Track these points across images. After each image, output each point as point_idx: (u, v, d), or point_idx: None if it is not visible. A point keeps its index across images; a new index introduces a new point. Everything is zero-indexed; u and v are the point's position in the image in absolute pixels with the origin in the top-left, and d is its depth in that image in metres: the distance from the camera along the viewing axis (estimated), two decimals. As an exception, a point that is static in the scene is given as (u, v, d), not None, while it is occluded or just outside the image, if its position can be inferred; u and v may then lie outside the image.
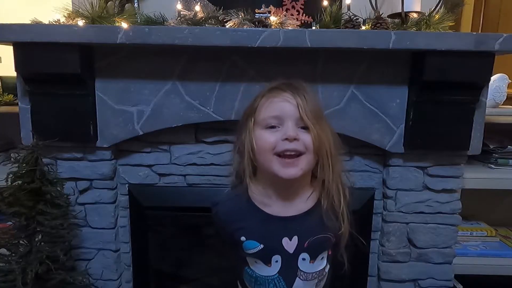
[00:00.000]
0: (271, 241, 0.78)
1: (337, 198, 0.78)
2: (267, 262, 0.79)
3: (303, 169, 0.75)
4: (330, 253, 0.84)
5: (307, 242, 0.78)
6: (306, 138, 0.74)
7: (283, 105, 0.74)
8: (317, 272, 0.81)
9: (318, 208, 0.79)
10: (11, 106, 1.37)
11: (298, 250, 0.78)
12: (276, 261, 0.78)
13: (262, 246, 0.77)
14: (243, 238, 0.78)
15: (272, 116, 0.74)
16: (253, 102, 0.80)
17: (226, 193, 0.92)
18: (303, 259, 0.79)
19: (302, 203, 0.81)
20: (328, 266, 0.85)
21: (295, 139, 0.73)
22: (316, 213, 0.79)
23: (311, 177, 0.83)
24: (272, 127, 0.75)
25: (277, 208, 0.80)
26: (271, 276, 0.79)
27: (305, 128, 0.75)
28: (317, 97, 0.80)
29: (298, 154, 0.74)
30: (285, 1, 1.27)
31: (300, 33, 1.00)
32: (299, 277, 0.79)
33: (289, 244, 0.78)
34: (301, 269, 0.79)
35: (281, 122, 0.74)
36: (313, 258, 0.80)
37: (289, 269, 0.79)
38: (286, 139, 0.73)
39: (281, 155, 0.74)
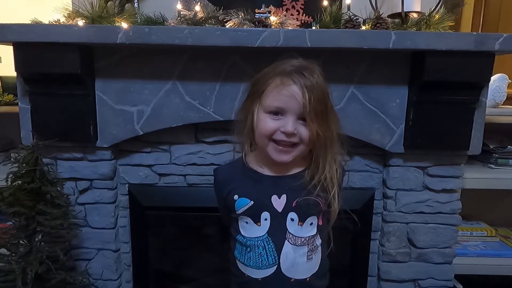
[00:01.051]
0: (261, 197, 0.81)
1: (330, 181, 0.81)
2: (257, 220, 0.82)
3: (295, 156, 0.80)
4: (320, 223, 0.85)
5: (295, 201, 0.81)
6: (303, 132, 0.77)
7: (288, 100, 0.76)
8: (306, 239, 0.82)
9: (307, 177, 0.82)
10: (11, 106, 1.37)
11: (287, 209, 0.81)
12: (265, 219, 0.81)
13: (252, 202, 0.81)
14: (235, 197, 0.83)
15: (276, 106, 0.77)
16: (263, 80, 0.80)
17: (226, 163, 0.99)
18: (292, 219, 0.81)
19: (292, 169, 0.85)
20: (320, 239, 0.86)
21: (292, 133, 0.76)
22: (306, 178, 0.82)
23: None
24: (275, 113, 0.78)
25: (268, 170, 0.85)
26: (260, 237, 0.81)
27: (306, 120, 0.77)
28: (326, 86, 0.80)
29: (293, 144, 0.78)
30: (285, 1, 1.27)
31: (300, 33, 1.00)
32: (288, 240, 0.81)
33: (278, 202, 0.81)
34: (289, 230, 0.81)
35: (284, 113, 0.77)
36: (301, 220, 0.82)
37: (278, 230, 0.81)
38: (284, 132, 0.76)
39: (276, 141, 0.78)
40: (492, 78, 1.37)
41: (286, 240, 0.81)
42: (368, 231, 1.27)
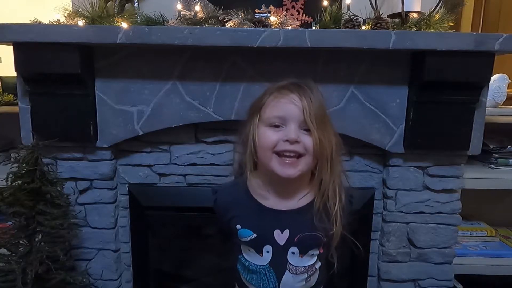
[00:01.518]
0: (264, 231, 0.81)
1: (332, 200, 0.80)
2: (259, 251, 0.82)
3: (301, 170, 0.77)
4: (321, 251, 0.86)
5: (297, 237, 0.81)
6: (307, 140, 0.76)
7: (288, 107, 0.75)
8: (306, 267, 0.84)
9: (311, 207, 0.81)
10: (11, 106, 1.37)
11: (288, 243, 0.81)
12: (268, 251, 0.82)
13: (255, 235, 0.81)
14: (238, 226, 0.82)
15: (277, 116, 0.76)
16: (261, 98, 0.81)
17: (226, 183, 0.96)
18: (293, 252, 0.82)
19: (297, 200, 0.83)
20: (319, 263, 0.87)
21: (296, 141, 0.75)
22: (309, 211, 0.81)
23: (310, 175, 0.85)
24: (276, 126, 0.77)
25: (272, 201, 0.83)
26: (262, 266, 0.83)
27: (308, 130, 0.76)
28: (323, 100, 0.79)
29: (297, 156, 0.76)
30: (285, 1, 1.27)
31: (300, 33, 1.00)
32: (288, 270, 0.82)
33: (280, 236, 0.81)
34: (290, 262, 0.82)
35: (285, 122, 0.76)
36: (302, 253, 0.83)
37: (279, 261, 0.82)
38: (287, 140, 0.75)
39: (280, 154, 0.76)
40: (492, 78, 1.37)
41: (286, 271, 0.83)
42: (368, 231, 1.27)
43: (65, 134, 1.10)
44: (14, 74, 1.08)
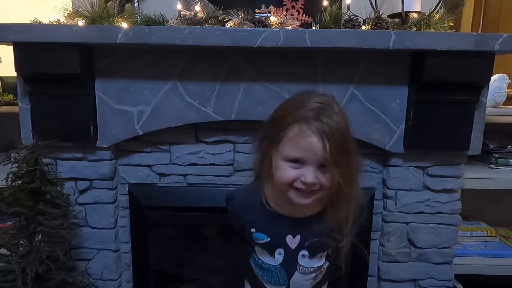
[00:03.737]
0: (277, 236, 0.85)
1: (345, 217, 0.81)
2: (272, 253, 0.87)
3: (315, 200, 0.79)
4: (329, 253, 0.91)
5: (307, 242, 0.85)
6: (323, 179, 0.75)
7: (308, 152, 0.74)
8: (315, 268, 0.88)
9: (323, 218, 0.83)
10: (11, 106, 1.37)
11: (299, 247, 0.86)
12: (279, 254, 0.86)
13: (269, 239, 0.85)
14: (253, 230, 0.86)
15: (296, 157, 0.75)
16: (280, 126, 0.77)
17: (242, 188, 0.98)
18: (303, 255, 0.86)
19: (309, 209, 0.85)
20: (327, 263, 0.92)
21: (312, 184, 0.75)
22: (320, 220, 0.83)
23: None
24: (294, 161, 0.76)
25: (286, 209, 0.85)
26: (274, 265, 0.87)
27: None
28: (347, 129, 0.78)
29: (313, 190, 0.77)
30: (285, 1, 1.27)
31: (300, 33, 1.00)
32: (298, 271, 0.87)
33: (292, 241, 0.85)
34: (300, 263, 0.87)
35: (303, 162, 0.75)
36: (311, 255, 0.87)
37: (290, 262, 0.87)
38: (304, 182, 0.75)
39: (296, 188, 0.77)
40: (492, 78, 1.37)
41: (296, 271, 0.87)
42: (368, 231, 1.27)
43: (65, 134, 1.10)
44: (14, 74, 1.08)
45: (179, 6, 1.16)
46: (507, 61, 1.43)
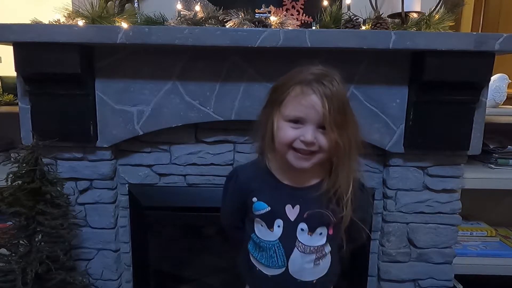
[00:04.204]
0: (277, 205, 0.85)
1: (344, 188, 0.82)
2: (270, 226, 0.86)
3: (314, 163, 0.81)
4: (331, 233, 0.88)
5: (306, 213, 0.84)
6: (322, 140, 0.78)
7: (308, 110, 0.77)
8: (315, 247, 0.86)
9: (322, 187, 0.85)
10: (11, 106, 1.37)
11: (298, 219, 0.85)
12: (278, 226, 0.85)
13: (269, 208, 0.85)
14: (254, 199, 0.86)
15: (296, 116, 0.78)
16: (283, 90, 0.81)
17: (246, 163, 1.00)
18: (302, 229, 0.85)
19: (310, 179, 0.87)
20: (329, 247, 0.89)
21: (311, 143, 0.77)
22: (320, 191, 0.84)
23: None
24: (295, 121, 0.79)
25: (287, 179, 0.87)
26: (272, 241, 0.86)
27: (325, 128, 0.78)
28: (346, 96, 0.81)
29: (312, 152, 0.80)
30: (285, 1, 1.27)
31: (300, 33, 1.00)
32: (297, 248, 0.85)
33: (291, 211, 0.85)
34: (299, 239, 0.85)
35: (304, 122, 0.78)
36: (311, 230, 0.85)
37: (289, 237, 0.85)
38: (303, 141, 0.78)
39: (296, 149, 0.80)
40: (492, 78, 1.37)
41: (295, 248, 0.85)
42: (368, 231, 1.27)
43: (65, 134, 1.10)
44: (14, 74, 1.08)
45: (179, 6, 1.16)
46: (507, 61, 1.43)
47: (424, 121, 1.11)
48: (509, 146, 1.38)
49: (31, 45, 1.01)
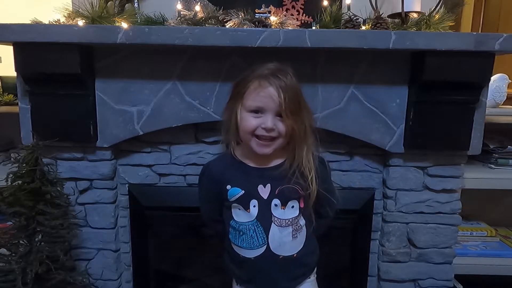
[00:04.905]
0: (249, 187, 0.93)
1: (306, 165, 0.92)
2: (247, 207, 0.93)
3: (274, 148, 0.91)
4: (302, 206, 0.96)
5: (277, 189, 0.93)
6: (280, 127, 0.89)
7: (267, 100, 0.87)
8: (290, 220, 0.94)
9: (287, 166, 0.94)
10: (11, 106, 1.37)
11: (271, 196, 0.93)
12: (254, 206, 0.93)
13: (243, 192, 0.93)
14: (228, 187, 0.94)
15: (257, 106, 0.88)
16: (244, 84, 0.91)
17: (215, 157, 1.10)
18: (275, 205, 0.93)
19: (275, 161, 0.96)
20: (303, 220, 0.97)
21: (271, 129, 0.88)
22: (285, 169, 0.93)
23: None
24: (256, 111, 0.89)
25: (254, 162, 0.96)
26: (250, 221, 0.93)
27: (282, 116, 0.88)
28: (298, 88, 0.91)
29: (272, 138, 0.90)
30: (285, 1, 1.27)
31: (300, 33, 1.00)
32: (274, 223, 0.93)
33: (264, 190, 0.93)
34: (274, 214, 0.93)
35: (263, 111, 0.88)
36: (283, 204, 0.93)
37: (265, 214, 0.93)
38: (264, 128, 0.88)
39: (258, 137, 0.89)
40: (492, 78, 1.37)
41: (272, 223, 0.93)
42: (368, 231, 1.27)
43: (65, 134, 1.10)
44: (14, 74, 1.08)
45: (179, 6, 1.16)
46: (507, 61, 1.43)
47: (424, 121, 1.11)
48: (509, 146, 1.38)
49: (31, 45, 1.01)
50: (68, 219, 1.08)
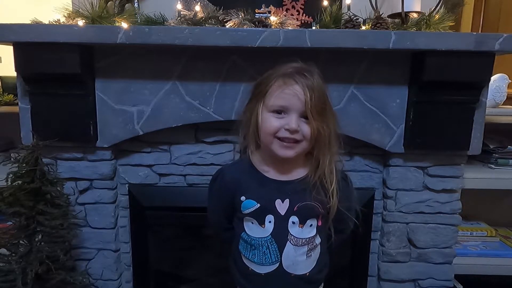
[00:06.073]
0: (266, 201, 0.86)
1: (328, 177, 0.86)
2: (261, 222, 0.86)
3: (298, 152, 0.84)
4: (320, 224, 0.89)
5: (296, 206, 0.85)
6: (305, 129, 0.82)
7: (291, 99, 0.80)
8: (307, 239, 0.87)
9: (308, 180, 0.87)
10: (11, 106, 1.37)
11: (289, 213, 0.86)
12: (269, 222, 0.86)
13: (258, 205, 0.85)
14: (243, 198, 0.86)
15: (280, 105, 0.81)
16: (266, 82, 0.85)
17: (231, 163, 1.03)
18: (293, 222, 0.86)
19: (295, 173, 0.89)
20: (319, 238, 0.90)
21: (295, 131, 0.81)
22: (306, 183, 0.86)
23: (308, 152, 0.90)
24: (278, 112, 0.82)
25: (273, 174, 0.89)
26: (264, 237, 0.86)
27: (308, 118, 0.81)
28: (325, 88, 0.84)
29: (296, 141, 0.83)
30: (285, 1, 1.27)
31: (300, 33, 1.00)
32: (290, 241, 0.86)
33: (281, 206, 0.86)
34: (291, 232, 0.86)
35: (287, 111, 0.81)
36: (301, 222, 0.86)
37: (281, 232, 0.86)
38: (288, 129, 0.81)
39: (281, 139, 0.82)
40: (492, 78, 1.37)
41: (288, 241, 0.86)
42: (368, 231, 1.27)
43: (65, 134, 1.10)
44: (14, 74, 1.08)
45: (179, 6, 1.16)
46: (507, 61, 1.43)
47: (424, 121, 1.11)
48: (509, 146, 1.38)
49: (31, 45, 1.01)
50: (68, 219, 1.08)
